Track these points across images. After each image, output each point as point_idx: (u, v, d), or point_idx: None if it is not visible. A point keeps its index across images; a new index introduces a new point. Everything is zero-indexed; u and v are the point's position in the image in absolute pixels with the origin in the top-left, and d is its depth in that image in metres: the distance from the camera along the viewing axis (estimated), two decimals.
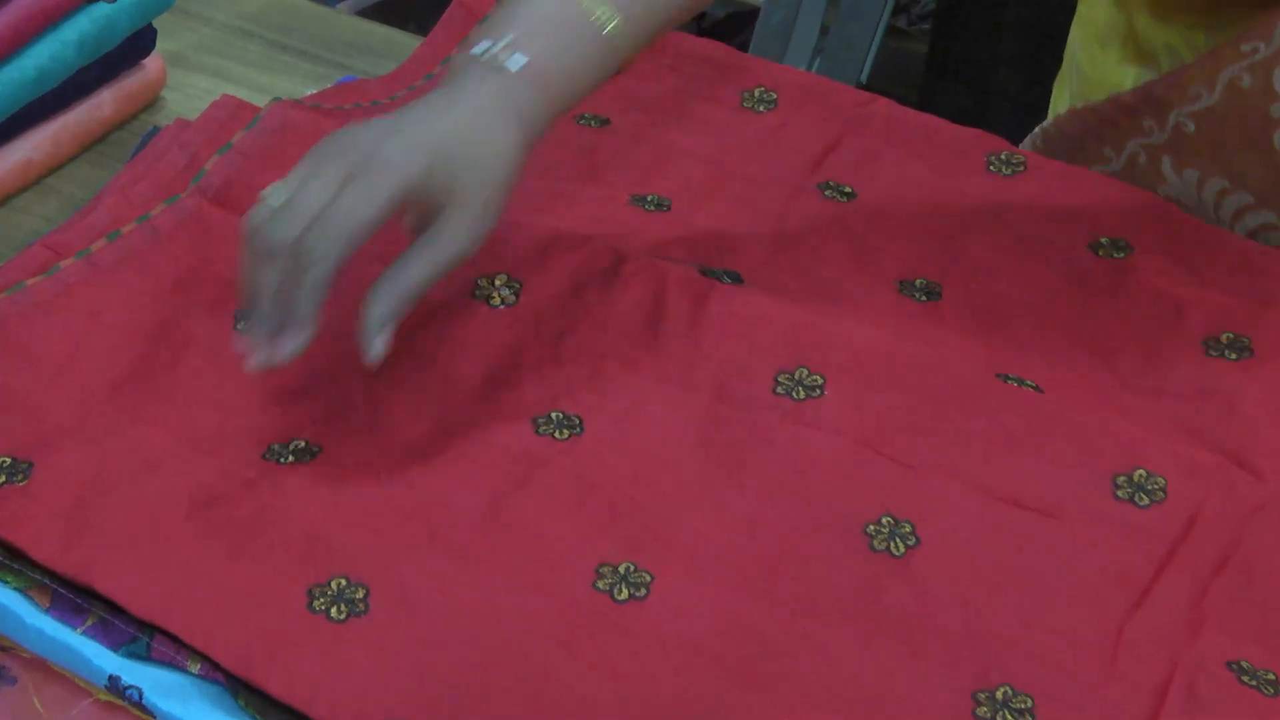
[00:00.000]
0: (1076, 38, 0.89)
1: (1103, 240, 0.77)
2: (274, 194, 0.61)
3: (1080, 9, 0.89)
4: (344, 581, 0.58)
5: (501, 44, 0.63)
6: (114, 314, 0.68)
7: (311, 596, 0.57)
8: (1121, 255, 0.76)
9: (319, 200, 0.59)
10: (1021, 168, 0.82)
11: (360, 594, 0.58)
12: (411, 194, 0.60)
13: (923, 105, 1.62)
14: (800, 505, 0.64)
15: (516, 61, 0.62)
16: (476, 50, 0.63)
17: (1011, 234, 0.78)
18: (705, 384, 0.68)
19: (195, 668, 0.56)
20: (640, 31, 0.65)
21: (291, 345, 0.60)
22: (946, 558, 0.62)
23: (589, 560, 0.61)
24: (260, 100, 0.79)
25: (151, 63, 0.86)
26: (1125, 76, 0.83)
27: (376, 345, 0.61)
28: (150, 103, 0.87)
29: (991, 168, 0.82)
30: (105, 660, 0.56)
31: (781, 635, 0.59)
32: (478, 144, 0.61)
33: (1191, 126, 0.77)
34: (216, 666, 0.56)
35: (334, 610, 0.57)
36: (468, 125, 0.61)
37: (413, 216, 0.63)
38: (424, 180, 0.60)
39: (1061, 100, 0.90)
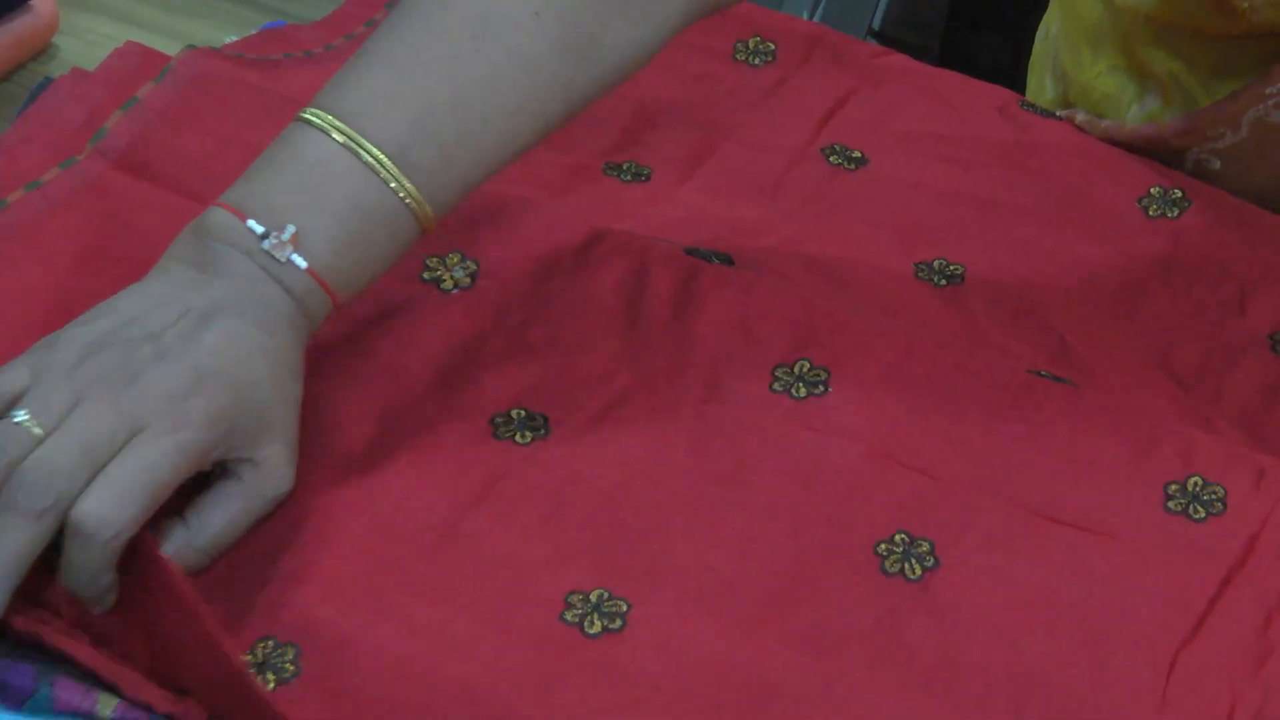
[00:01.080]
0: (1056, 23, 0.91)
1: (1154, 191, 0.80)
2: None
3: None
4: (270, 645, 0.59)
5: (286, 235, 0.60)
6: (1, 300, 0.69)
7: None
8: (1175, 214, 0.78)
9: (96, 446, 0.55)
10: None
11: (289, 655, 0.59)
12: (212, 453, 0.58)
13: (946, 58, 1.64)
14: (805, 523, 0.65)
15: (300, 260, 0.60)
16: (253, 225, 0.60)
17: (1048, 195, 0.80)
18: (694, 381, 0.70)
19: (109, 710, 0.57)
20: (446, 197, 0.63)
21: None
22: (971, 582, 0.63)
23: (557, 589, 0.62)
24: (172, 48, 0.80)
25: (42, 4, 0.87)
26: (1123, 94, 0.86)
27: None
28: (41, 50, 0.88)
29: (1025, 106, 0.84)
30: None
31: (786, 677, 0.60)
32: (279, 369, 0.60)
33: (1217, 164, 0.81)
34: (134, 705, 0.57)
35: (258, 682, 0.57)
36: (264, 345, 0.59)
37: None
38: (229, 431, 0.58)
39: (1040, 88, 0.92)
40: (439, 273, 0.72)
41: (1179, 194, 0.80)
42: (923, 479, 0.67)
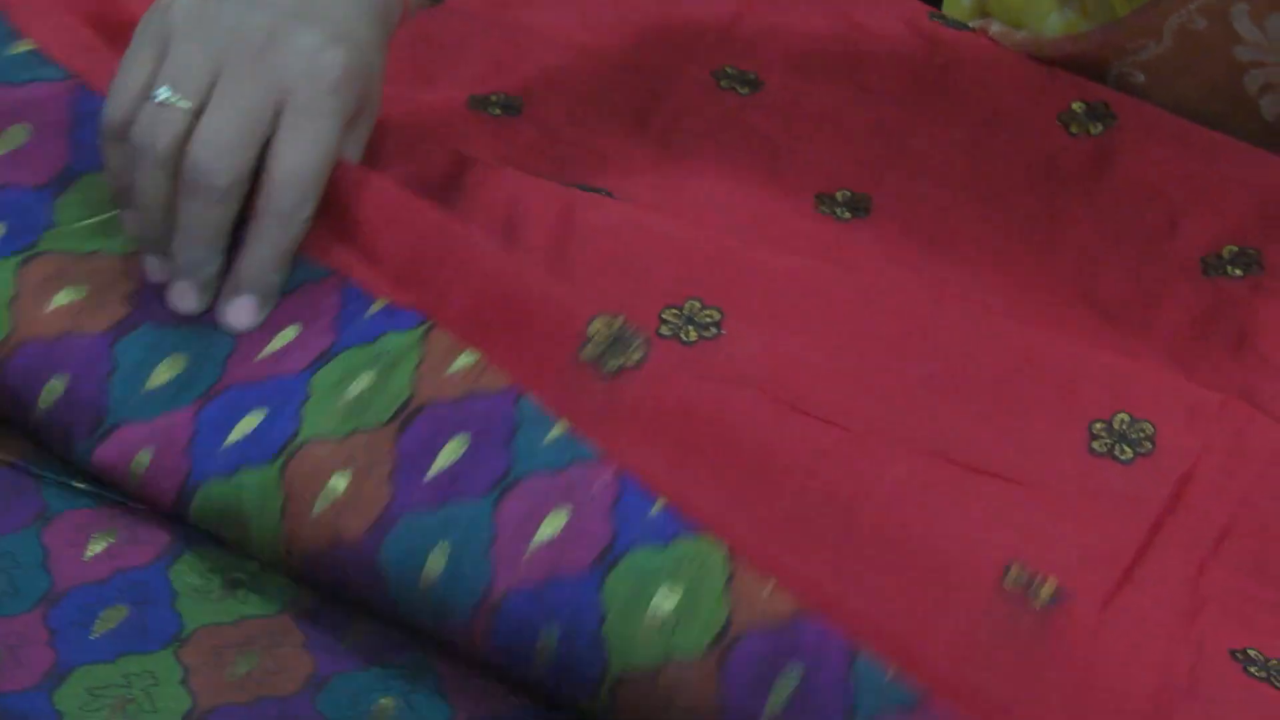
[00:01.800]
0: None
1: (1075, 107, 0.79)
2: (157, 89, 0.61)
3: None
4: None
5: None
6: None
7: None
8: (1099, 130, 0.78)
9: (255, 117, 0.61)
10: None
11: None
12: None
13: None
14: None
15: None
16: None
17: (960, 115, 0.80)
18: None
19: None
20: None
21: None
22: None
23: None
24: None
25: None
26: (1043, 7, 0.86)
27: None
28: None
29: (934, 18, 0.84)
30: None
31: None
32: (377, 44, 0.66)
33: (1141, 77, 0.81)
34: None
35: None
36: (368, 18, 0.65)
37: None
38: (358, 93, 0.64)
39: (955, 3, 0.92)
40: None
41: (1103, 108, 0.80)
42: (829, 429, 0.66)
